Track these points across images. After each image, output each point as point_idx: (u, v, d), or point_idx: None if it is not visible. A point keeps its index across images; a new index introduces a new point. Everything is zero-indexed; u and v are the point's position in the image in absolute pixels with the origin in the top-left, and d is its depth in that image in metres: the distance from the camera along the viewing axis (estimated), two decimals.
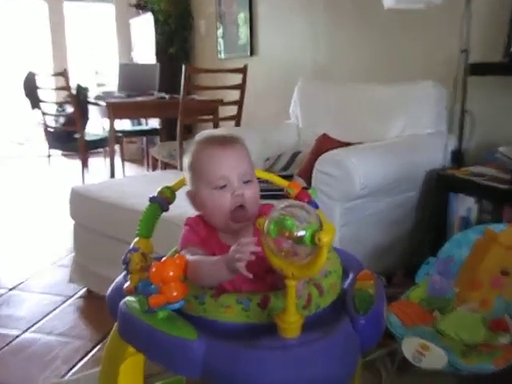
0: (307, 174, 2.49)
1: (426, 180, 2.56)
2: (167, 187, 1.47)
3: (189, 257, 1.11)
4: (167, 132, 5.72)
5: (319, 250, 0.92)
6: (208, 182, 1.19)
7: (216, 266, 1.04)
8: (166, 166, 4.73)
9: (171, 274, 1.02)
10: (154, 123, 6.33)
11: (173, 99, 4.74)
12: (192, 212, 1.31)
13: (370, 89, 3.02)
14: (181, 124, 4.18)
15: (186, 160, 1.25)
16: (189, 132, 4.96)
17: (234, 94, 4.49)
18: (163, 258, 1.06)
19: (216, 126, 4.50)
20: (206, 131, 2.46)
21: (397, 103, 2.83)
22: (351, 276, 1.28)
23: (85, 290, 2.93)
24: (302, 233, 0.92)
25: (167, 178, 1.67)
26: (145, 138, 6.61)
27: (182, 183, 1.46)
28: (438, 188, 2.43)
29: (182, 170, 3.82)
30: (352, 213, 2.33)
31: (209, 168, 1.19)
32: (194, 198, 1.25)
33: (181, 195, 1.41)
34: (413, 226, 2.65)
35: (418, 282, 1.95)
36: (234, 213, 1.18)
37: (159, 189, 1.47)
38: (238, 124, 4.49)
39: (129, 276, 1.28)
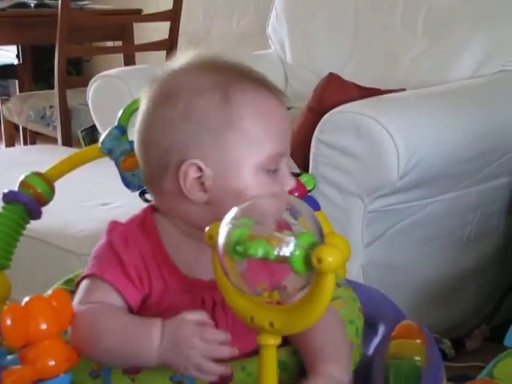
0: (300, 150, 2.01)
1: None
2: (37, 175, 1.24)
3: (91, 302, 0.92)
4: (34, 73, 4.27)
5: (320, 279, 0.73)
6: (255, 156, 0.92)
7: (141, 335, 0.85)
8: (35, 137, 3.73)
9: (43, 326, 0.83)
10: (6, 55, 4.61)
11: (43, 8, 3.44)
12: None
13: None
14: (61, 57, 3.04)
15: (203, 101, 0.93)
16: (77, 73, 3.77)
17: (164, 1, 3.33)
18: (25, 299, 0.86)
19: (129, 61, 3.41)
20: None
21: (473, 12, 2.30)
22: (382, 332, 1.11)
23: None
24: (287, 250, 0.73)
25: (36, 161, 1.63)
26: None
27: (69, 166, 1.30)
28: None
29: (66, 143, 3.03)
30: (384, 220, 1.88)
31: (262, 130, 0.93)
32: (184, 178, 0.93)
33: (62, 189, 1.27)
34: (501, 244, 2.15)
35: (510, 347, 1.57)
36: None
37: (22, 178, 1.25)
38: (171, 57, 3.44)
39: None
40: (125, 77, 2.33)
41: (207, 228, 0.81)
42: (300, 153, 2.01)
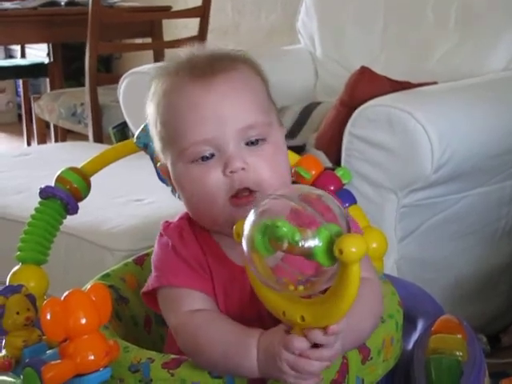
0: (332, 144, 2.05)
1: None
2: (73, 170, 1.23)
3: (185, 313, 0.92)
4: (64, 71, 4.22)
5: (344, 270, 0.73)
6: (181, 152, 0.93)
7: (241, 351, 0.84)
8: (66, 135, 3.69)
9: (83, 320, 0.83)
10: (37, 54, 4.64)
11: (73, 6, 3.43)
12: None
13: None
14: (92, 54, 3.01)
15: (149, 108, 0.98)
16: (106, 70, 3.73)
17: None
18: (64, 293, 0.86)
19: (159, 57, 3.31)
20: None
21: (506, 4, 2.25)
22: (421, 326, 1.12)
23: None
24: (311, 242, 0.73)
25: (69, 158, 1.48)
26: (21, 83, 4.62)
27: (104, 161, 1.28)
28: None
29: (97, 140, 3.02)
30: (418, 214, 1.89)
31: (180, 127, 0.93)
32: (169, 177, 0.99)
33: (95, 185, 1.25)
34: None
35: None
36: (234, 204, 0.91)
37: (58, 173, 1.23)
38: None
39: (3, 340, 1.09)
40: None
41: (234, 226, 0.81)
42: (332, 147, 2.04)
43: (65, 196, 1.20)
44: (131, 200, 1.77)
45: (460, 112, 1.84)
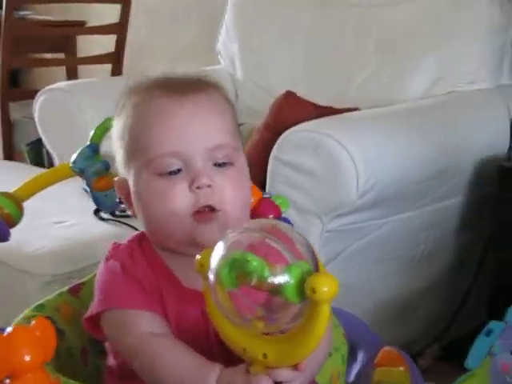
0: (256, 168, 1.92)
1: (477, 176, 2.07)
2: (5, 195, 1.20)
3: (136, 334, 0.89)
4: None
5: (315, 309, 0.72)
6: (147, 162, 0.92)
7: (199, 382, 0.84)
8: None
9: (27, 357, 0.78)
10: None
11: None
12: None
13: (377, 5, 2.41)
14: (4, 69, 2.89)
15: (116, 122, 0.98)
16: (13, 84, 3.44)
17: (110, 12, 3.15)
18: (7, 329, 0.81)
19: (71, 74, 3.27)
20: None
21: (424, 33, 2.27)
22: (362, 358, 1.12)
23: None
24: (281, 278, 0.72)
25: None
26: None
27: (38, 185, 1.27)
28: (503, 190, 1.98)
29: (8, 157, 2.94)
30: (342, 239, 1.88)
31: (149, 136, 0.93)
32: (126, 192, 0.97)
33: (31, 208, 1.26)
34: (453, 262, 2.15)
35: (470, 369, 1.54)
36: (197, 221, 0.91)
37: None
38: (117, 71, 3.22)
39: None
40: (74, 90, 2.27)
41: (198, 256, 0.79)
42: (257, 171, 1.97)
43: None
44: (52, 222, 1.69)
45: (385, 138, 1.86)
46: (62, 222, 1.68)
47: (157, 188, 0.93)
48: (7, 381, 0.83)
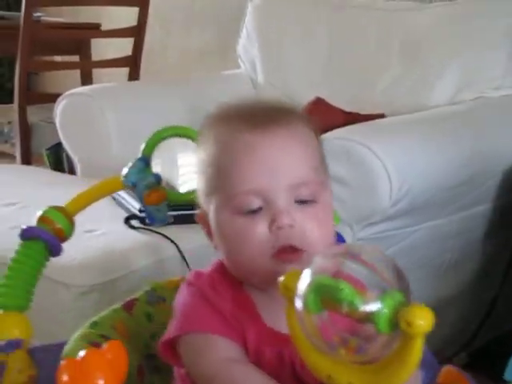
0: None
1: (505, 183, 2.04)
2: (57, 210, 1.15)
3: (213, 363, 0.88)
4: None
5: (409, 342, 0.68)
6: (228, 199, 0.90)
7: None
8: None
9: (100, 382, 0.78)
10: None
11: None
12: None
13: (399, 10, 2.40)
14: (22, 71, 2.83)
15: (200, 154, 0.96)
16: (28, 89, 3.31)
17: (126, 15, 3.06)
18: (81, 353, 0.78)
19: (86, 77, 3.19)
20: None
21: (448, 38, 2.26)
22: (422, 378, 0.94)
23: None
24: (373, 307, 0.70)
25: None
26: None
27: (88, 198, 1.23)
28: None
29: (25, 161, 2.87)
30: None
31: (230, 172, 0.91)
32: (207, 226, 0.95)
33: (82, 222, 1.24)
34: (479, 271, 2.13)
35: (510, 381, 1.52)
36: (277, 260, 0.87)
37: (41, 213, 1.13)
38: (134, 74, 3.13)
39: None
40: (96, 95, 2.23)
41: (281, 278, 0.77)
42: None
43: (49, 238, 1.14)
44: (83, 231, 1.59)
45: (416, 145, 1.82)
46: (93, 230, 1.60)
47: (236, 228, 0.92)
48: None
